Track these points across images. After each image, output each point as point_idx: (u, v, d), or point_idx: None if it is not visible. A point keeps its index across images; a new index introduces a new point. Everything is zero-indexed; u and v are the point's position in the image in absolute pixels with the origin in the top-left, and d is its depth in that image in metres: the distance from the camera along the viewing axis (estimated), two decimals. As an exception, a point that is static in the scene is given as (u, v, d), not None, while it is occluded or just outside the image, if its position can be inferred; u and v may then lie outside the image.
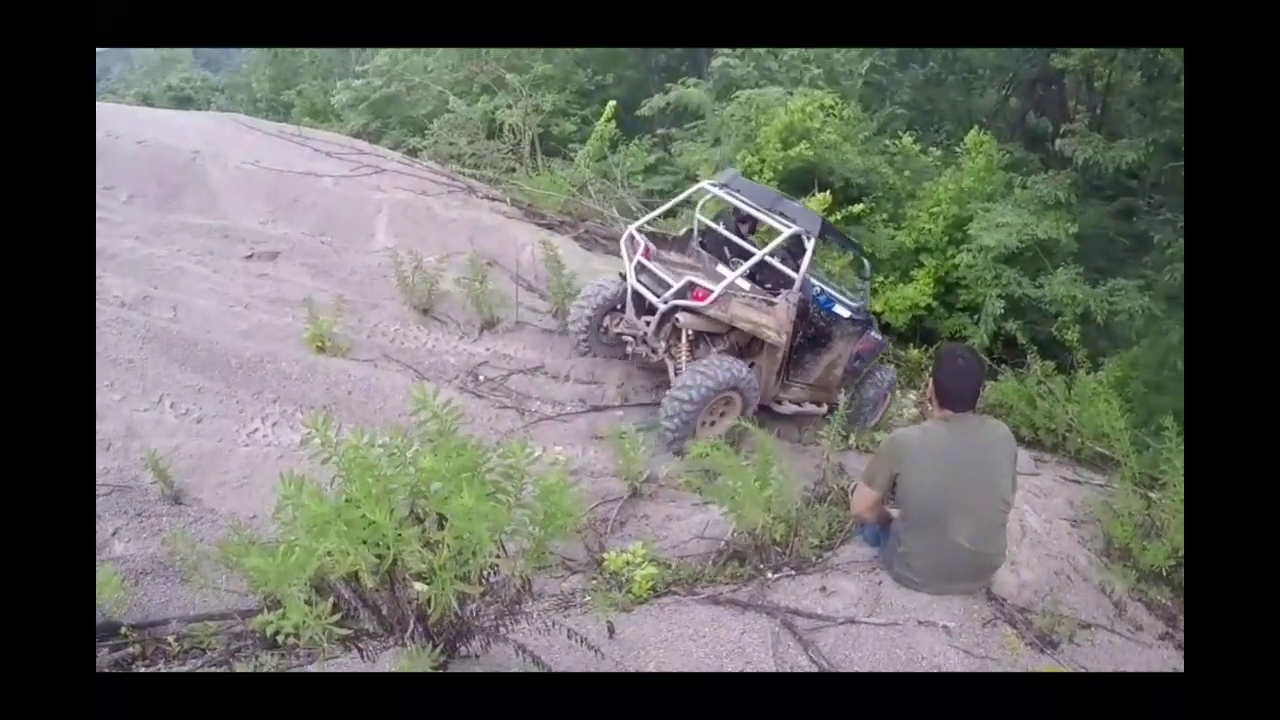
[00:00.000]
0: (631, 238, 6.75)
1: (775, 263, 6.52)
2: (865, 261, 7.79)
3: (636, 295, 6.51)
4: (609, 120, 13.47)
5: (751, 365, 6.38)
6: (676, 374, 6.28)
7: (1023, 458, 6.60)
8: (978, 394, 3.84)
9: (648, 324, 6.41)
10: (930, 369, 4.04)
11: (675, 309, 6.17)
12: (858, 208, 12.02)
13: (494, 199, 10.37)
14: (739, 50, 16.07)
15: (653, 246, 6.74)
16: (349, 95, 20.47)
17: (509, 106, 14.22)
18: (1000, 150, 13.32)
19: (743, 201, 6.81)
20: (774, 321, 6.23)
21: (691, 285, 6.12)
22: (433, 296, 7.18)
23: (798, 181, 11.97)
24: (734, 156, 12.79)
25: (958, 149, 13.98)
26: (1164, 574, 4.79)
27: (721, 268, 6.76)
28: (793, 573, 4.11)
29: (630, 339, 6.73)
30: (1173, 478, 5.01)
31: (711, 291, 6.00)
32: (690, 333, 6.32)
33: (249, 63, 29.80)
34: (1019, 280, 11.30)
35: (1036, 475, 6.70)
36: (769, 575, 4.06)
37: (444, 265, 7.46)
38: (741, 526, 4.19)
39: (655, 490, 5.39)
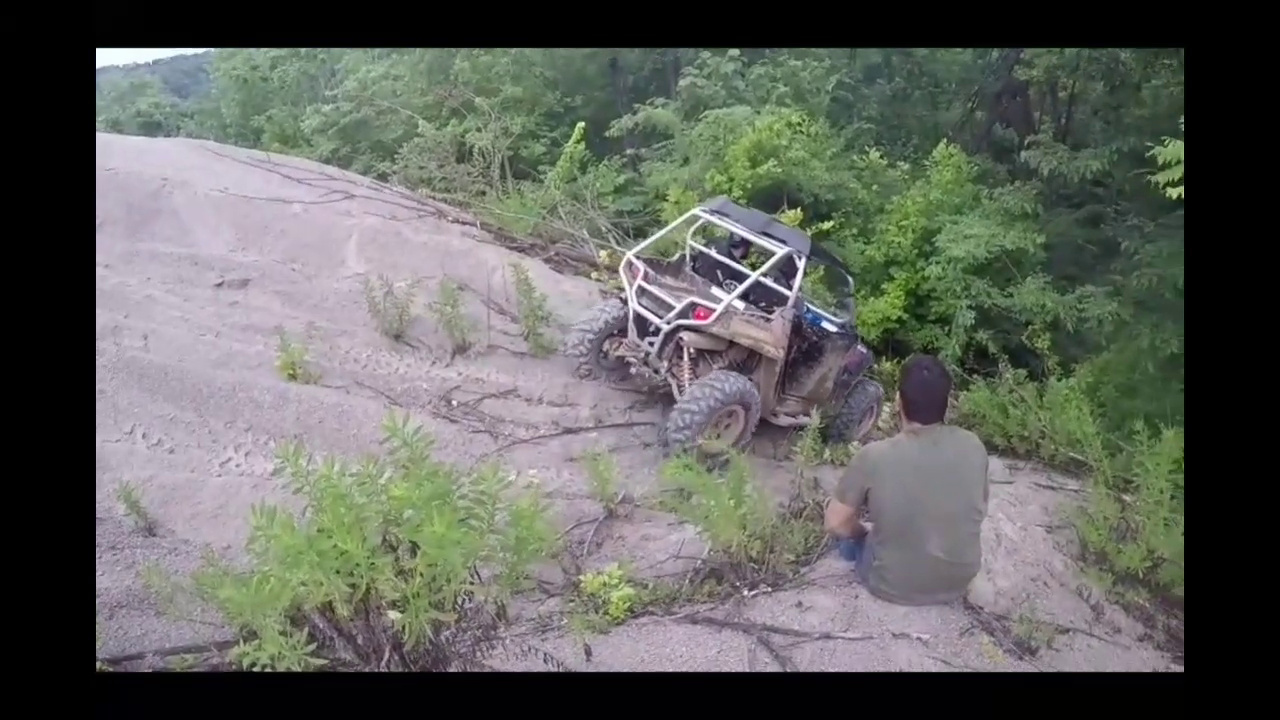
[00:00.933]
0: (630, 263, 6.97)
1: (768, 281, 6.78)
2: (850, 278, 8.09)
3: (638, 318, 6.72)
4: (578, 142, 13.52)
5: (750, 381, 6.55)
6: (680, 391, 6.45)
7: (996, 466, 6.65)
8: (945, 405, 3.87)
9: (651, 344, 6.59)
10: (898, 382, 4.07)
11: (679, 328, 6.40)
12: (827, 224, 12.10)
13: (464, 223, 10.36)
14: (706, 70, 16.18)
15: (651, 271, 6.94)
16: (318, 120, 20.50)
17: (478, 130, 14.25)
18: (968, 162, 13.46)
19: (735, 226, 7.06)
20: (771, 336, 6.52)
21: (694, 305, 6.36)
22: (404, 322, 7.16)
23: (767, 199, 12.06)
24: (702, 176, 12.87)
25: (925, 162, 14.13)
26: (1140, 576, 4.83)
27: (715, 290, 6.96)
28: (769, 589, 4.12)
29: (633, 361, 6.85)
30: (1145, 480, 5.06)
31: (713, 311, 6.24)
32: (692, 351, 6.53)
33: (218, 88, 29.74)
34: (988, 290, 11.43)
35: (1011, 483, 6.76)
36: (745, 593, 4.06)
37: (415, 290, 7.45)
38: (717, 545, 4.20)
39: (631, 511, 5.39)
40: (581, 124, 14.04)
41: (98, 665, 3.29)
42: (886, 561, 3.91)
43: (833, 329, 7.36)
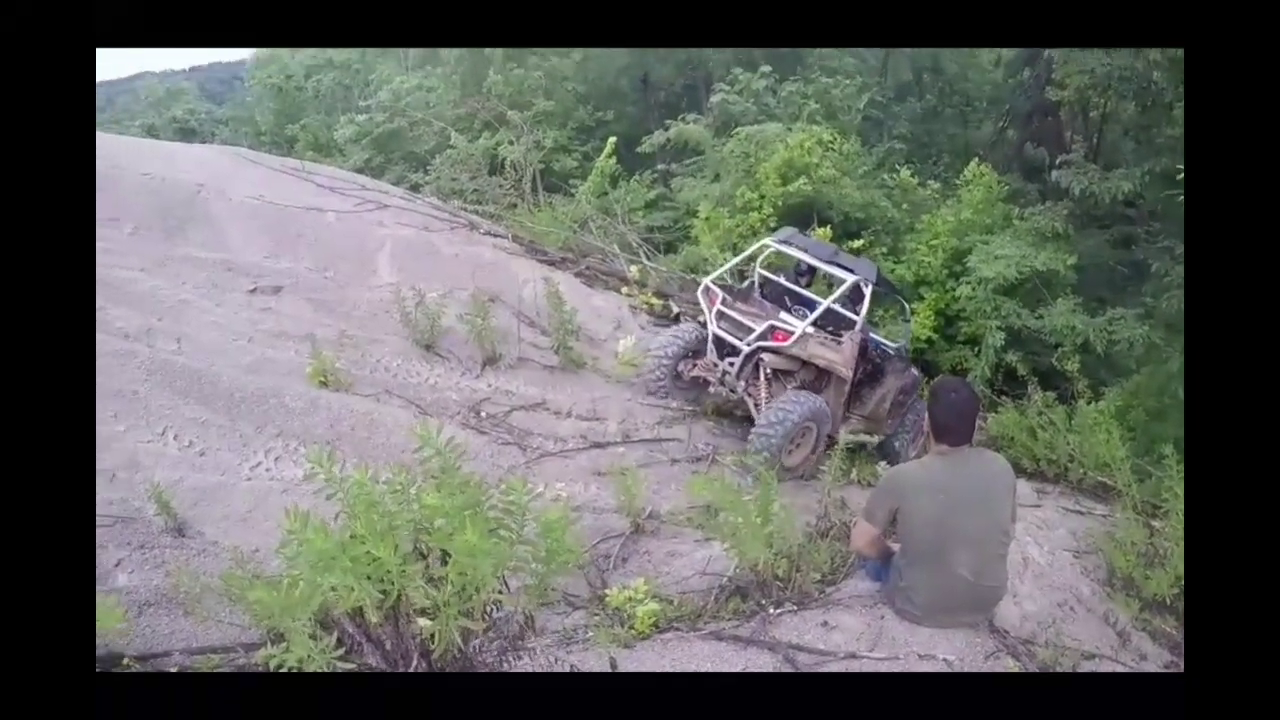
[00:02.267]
0: (707, 289, 7.32)
1: (836, 307, 7.17)
2: (906, 305, 8.80)
3: (718, 339, 7.04)
4: (610, 156, 13.56)
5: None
6: (757, 409, 6.76)
7: (1024, 489, 6.61)
8: (973, 427, 3.85)
9: (731, 364, 6.91)
10: (926, 404, 4.07)
11: (760, 349, 6.74)
12: (857, 242, 12.07)
13: (496, 235, 10.42)
14: (738, 86, 16.19)
15: (728, 296, 7.27)
16: (352, 130, 20.64)
17: (510, 143, 14.31)
18: (999, 182, 13.38)
19: (804, 255, 7.48)
20: (842, 358, 6.96)
21: (773, 328, 6.73)
22: (435, 332, 7.22)
23: (797, 217, 12.03)
24: (733, 192, 12.88)
25: (956, 181, 14.05)
26: (1168, 603, 4.78)
27: (785, 315, 7.22)
28: (795, 608, 4.10)
29: (711, 380, 7.12)
30: (1175, 506, 5.01)
31: (791, 334, 6.71)
32: (769, 371, 6.88)
33: (253, 96, 30.04)
34: (1019, 312, 11.33)
35: (1038, 507, 6.71)
36: (771, 611, 4.05)
37: (446, 301, 7.51)
38: (743, 562, 4.18)
39: (657, 526, 5.38)
40: (613, 139, 14.10)
41: (124, 660, 3.33)
42: (913, 582, 3.89)
43: (891, 351, 7.76)
